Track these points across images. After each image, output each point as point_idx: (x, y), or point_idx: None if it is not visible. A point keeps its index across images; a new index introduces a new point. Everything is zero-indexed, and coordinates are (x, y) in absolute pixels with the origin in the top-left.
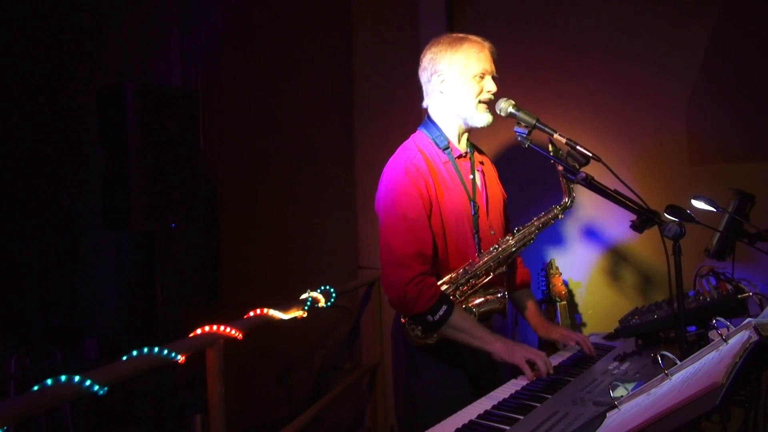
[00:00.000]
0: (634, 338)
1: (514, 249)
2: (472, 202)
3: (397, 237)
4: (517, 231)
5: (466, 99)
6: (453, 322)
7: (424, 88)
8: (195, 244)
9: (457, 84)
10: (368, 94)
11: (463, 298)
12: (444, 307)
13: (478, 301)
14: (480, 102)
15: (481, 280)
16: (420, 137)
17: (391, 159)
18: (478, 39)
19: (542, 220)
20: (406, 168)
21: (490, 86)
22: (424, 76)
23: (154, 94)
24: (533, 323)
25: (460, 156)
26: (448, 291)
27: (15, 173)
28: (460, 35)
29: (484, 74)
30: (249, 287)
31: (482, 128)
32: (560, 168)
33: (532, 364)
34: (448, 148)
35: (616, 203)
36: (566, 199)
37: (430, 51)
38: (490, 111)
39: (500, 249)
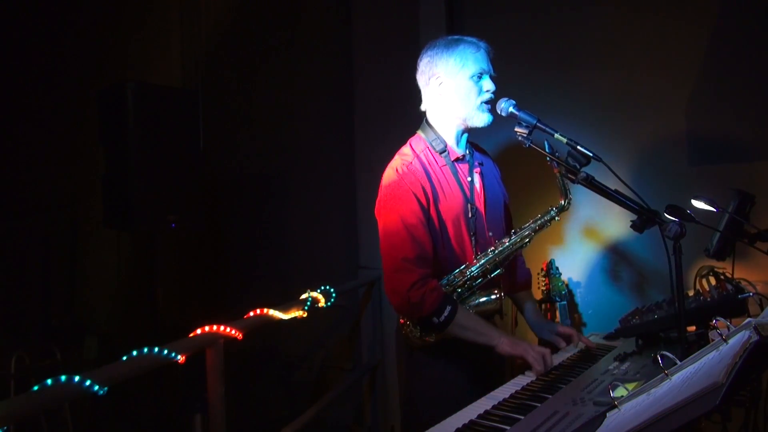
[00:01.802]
0: (634, 338)
1: (510, 251)
2: (469, 205)
3: (396, 242)
4: (514, 233)
5: (464, 100)
6: (458, 321)
7: (422, 92)
8: (195, 244)
9: (455, 85)
10: (368, 95)
11: (459, 300)
12: (448, 308)
13: (474, 302)
14: (480, 102)
15: (477, 281)
16: (417, 141)
17: (388, 165)
18: (474, 39)
19: (539, 222)
20: (402, 173)
21: (489, 85)
22: (421, 79)
23: (154, 94)
24: (531, 324)
25: (457, 159)
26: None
27: (15, 173)
28: (456, 37)
29: (481, 74)
30: (249, 287)
31: (482, 128)
32: (556, 171)
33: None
34: (445, 151)
35: (617, 203)
36: (563, 201)
37: (427, 54)
38: (490, 111)
39: (497, 251)
